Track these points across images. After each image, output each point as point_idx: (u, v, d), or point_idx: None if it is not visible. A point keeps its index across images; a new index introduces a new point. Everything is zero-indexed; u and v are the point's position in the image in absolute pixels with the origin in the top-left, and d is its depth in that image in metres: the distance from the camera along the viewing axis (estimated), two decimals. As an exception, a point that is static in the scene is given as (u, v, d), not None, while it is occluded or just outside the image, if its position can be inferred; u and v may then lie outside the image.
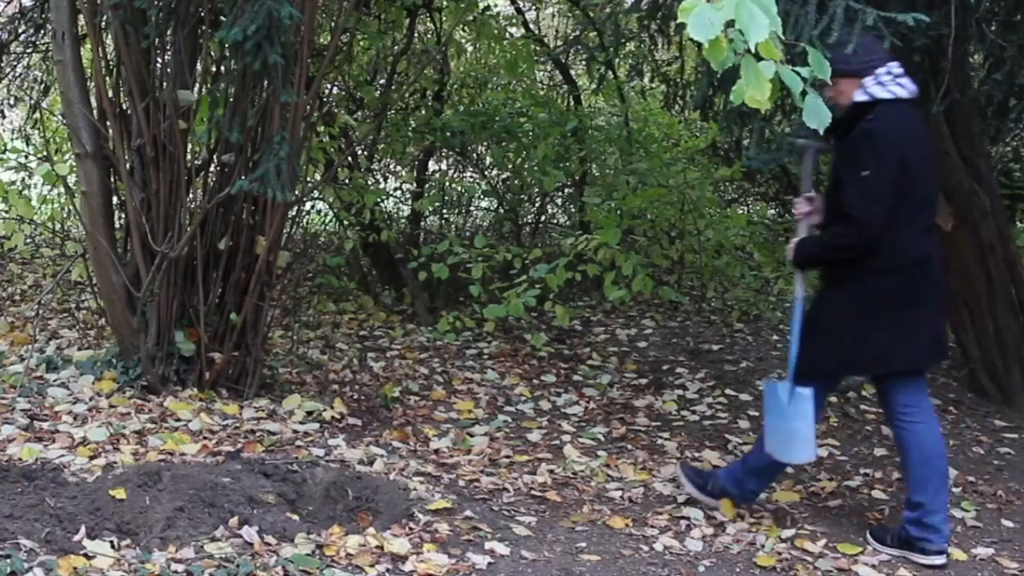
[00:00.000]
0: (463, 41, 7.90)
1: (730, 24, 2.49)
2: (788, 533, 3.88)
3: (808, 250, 3.87)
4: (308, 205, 6.56)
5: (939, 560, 3.73)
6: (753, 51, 2.51)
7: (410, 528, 3.59)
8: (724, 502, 4.03)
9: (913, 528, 3.78)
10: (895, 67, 3.70)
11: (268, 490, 3.62)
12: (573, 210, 8.09)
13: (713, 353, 6.42)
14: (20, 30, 6.90)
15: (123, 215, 4.85)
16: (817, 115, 2.81)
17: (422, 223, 7.87)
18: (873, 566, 3.65)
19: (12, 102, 8.40)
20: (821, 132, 2.97)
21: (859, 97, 3.68)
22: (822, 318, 3.85)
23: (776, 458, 3.90)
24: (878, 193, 3.60)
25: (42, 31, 6.75)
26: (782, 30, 2.61)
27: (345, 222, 6.85)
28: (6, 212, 5.92)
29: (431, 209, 7.72)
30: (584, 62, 7.97)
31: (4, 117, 8.45)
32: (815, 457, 3.95)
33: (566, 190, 8.03)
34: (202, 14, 4.48)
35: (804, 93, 2.74)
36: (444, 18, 7.29)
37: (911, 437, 3.81)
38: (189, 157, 4.64)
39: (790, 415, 3.81)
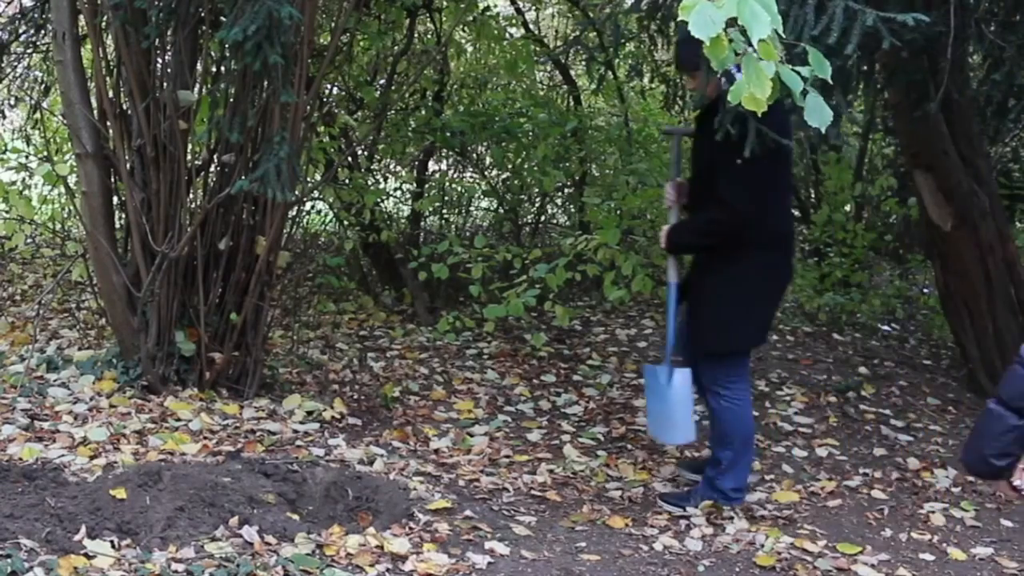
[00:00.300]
0: (463, 41, 7.90)
1: (731, 24, 2.50)
2: (788, 533, 3.88)
3: (681, 236, 4.02)
4: (308, 205, 6.56)
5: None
6: (755, 49, 2.51)
7: (410, 528, 3.59)
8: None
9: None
10: None
11: (268, 490, 3.62)
12: (573, 210, 8.08)
13: (713, 353, 6.42)
14: (20, 30, 6.90)
15: (123, 215, 4.85)
16: (818, 114, 2.81)
17: (422, 223, 7.86)
18: (872, 566, 3.66)
19: (12, 102, 8.40)
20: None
21: (726, 87, 3.74)
22: (719, 295, 3.95)
23: (657, 439, 4.08)
24: (752, 180, 3.78)
25: (42, 31, 6.75)
26: (781, 30, 2.62)
27: (345, 222, 6.85)
28: (6, 212, 5.91)
29: (431, 209, 7.72)
30: (584, 62, 7.97)
31: (4, 117, 8.45)
32: (694, 438, 4.08)
33: (566, 190, 8.03)
34: (202, 14, 4.49)
35: (804, 92, 2.74)
36: (444, 18, 7.29)
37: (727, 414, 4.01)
38: (189, 157, 4.64)
39: (669, 397, 3.96)
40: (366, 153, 7.42)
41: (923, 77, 4.79)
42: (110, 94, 4.63)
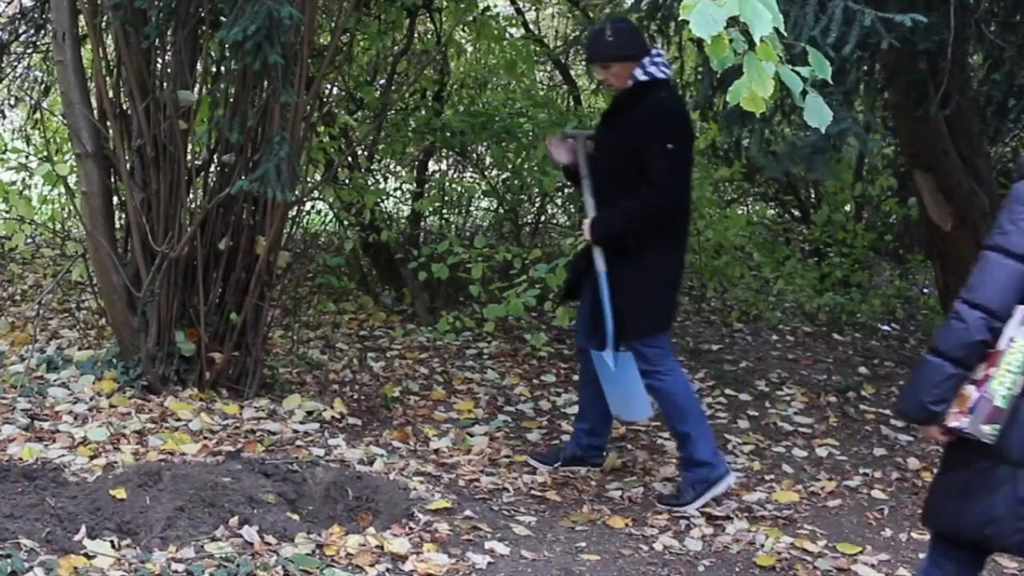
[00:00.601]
0: (463, 41, 7.90)
1: (731, 24, 2.50)
2: (788, 533, 3.88)
3: (611, 225, 4.08)
4: (308, 205, 6.56)
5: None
6: (757, 44, 2.51)
7: (410, 528, 3.59)
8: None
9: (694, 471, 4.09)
10: (657, 48, 4.11)
11: (268, 490, 3.62)
12: (573, 210, 8.08)
13: (713, 353, 6.43)
14: (20, 30, 6.90)
15: (123, 215, 4.85)
16: (818, 114, 2.81)
17: (422, 223, 7.86)
18: (872, 566, 3.66)
19: (12, 102, 8.40)
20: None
21: (641, 77, 3.99)
22: (654, 279, 4.08)
23: (622, 419, 4.23)
24: (682, 164, 4.00)
25: (42, 31, 6.75)
26: (782, 28, 2.61)
27: (345, 222, 6.85)
28: (7, 212, 5.92)
29: (431, 209, 7.72)
30: (584, 62, 7.97)
31: (4, 117, 8.45)
32: (651, 412, 4.24)
33: (566, 190, 8.03)
34: (202, 14, 4.49)
35: (804, 92, 2.74)
36: (444, 18, 7.29)
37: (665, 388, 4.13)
38: (189, 157, 4.64)
39: (621, 379, 4.07)
40: (366, 153, 7.42)
41: (923, 77, 4.79)
42: (110, 94, 4.63)
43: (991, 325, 2.45)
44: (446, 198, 7.97)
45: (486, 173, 7.85)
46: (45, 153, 5.92)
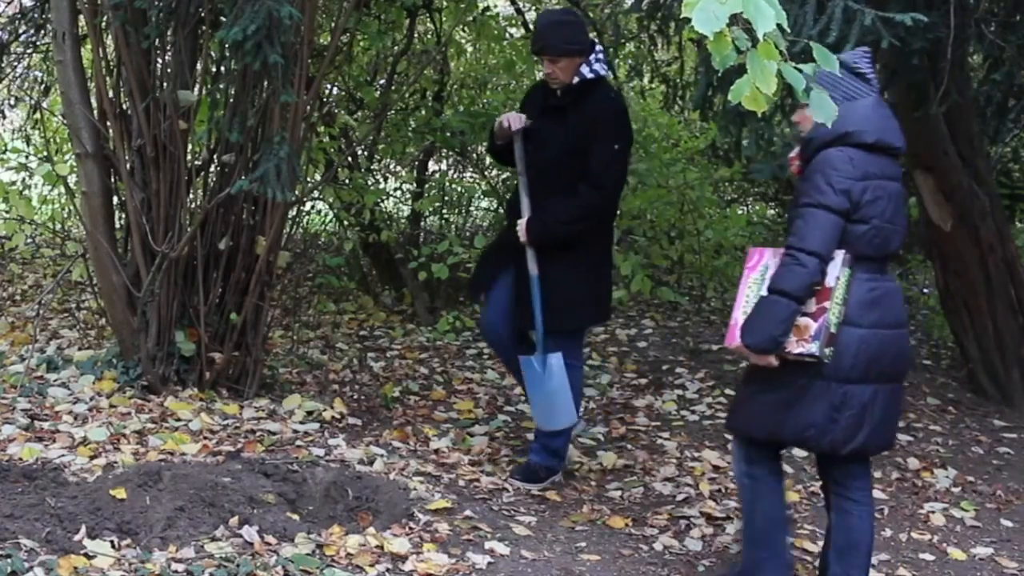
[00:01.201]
0: (463, 41, 7.90)
1: (733, 22, 2.49)
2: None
3: (547, 228, 4.03)
4: (308, 205, 6.56)
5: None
6: (760, 41, 2.51)
7: (410, 528, 3.59)
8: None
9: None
10: (599, 46, 4.13)
11: (268, 490, 3.62)
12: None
13: (713, 353, 6.43)
14: (20, 30, 6.90)
15: (123, 215, 4.85)
16: (824, 111, 2.81)
17: (422, 223, 7.87)
18: (872, 566, 3.65)
19: (12, 102, 8.40)
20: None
21: (588, 75, 4.00)
22: (594, 269, 4.12)
23: (545, 429, 4.12)
24: (623, 165, 4.07)
25: (42, 31, 6.75)
26: (785, 24, 2.61)
27: (345, 222, 6.86)
28: (7, 212, 5.92)
29: (431, 209, 7.73)
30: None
31: (4, 117, 8.45)
32: (576, 419, 4.16)
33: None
34: (202, 14, 4.49)
35: (808, 89, 2.74)
36: (444, 18, 7.29)
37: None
38: (189, 157, 4.64)
39: (547, 383, 4.03)
40: (366, 153, 7.42)
41: (923, 78, 4.79)
42: (110, 94, 4.63)
43: (822, 268, 2.95)
44: (446, 198, 7.98)
45: (486, 173, 7.85)
46: (45, 153, 5.93)
